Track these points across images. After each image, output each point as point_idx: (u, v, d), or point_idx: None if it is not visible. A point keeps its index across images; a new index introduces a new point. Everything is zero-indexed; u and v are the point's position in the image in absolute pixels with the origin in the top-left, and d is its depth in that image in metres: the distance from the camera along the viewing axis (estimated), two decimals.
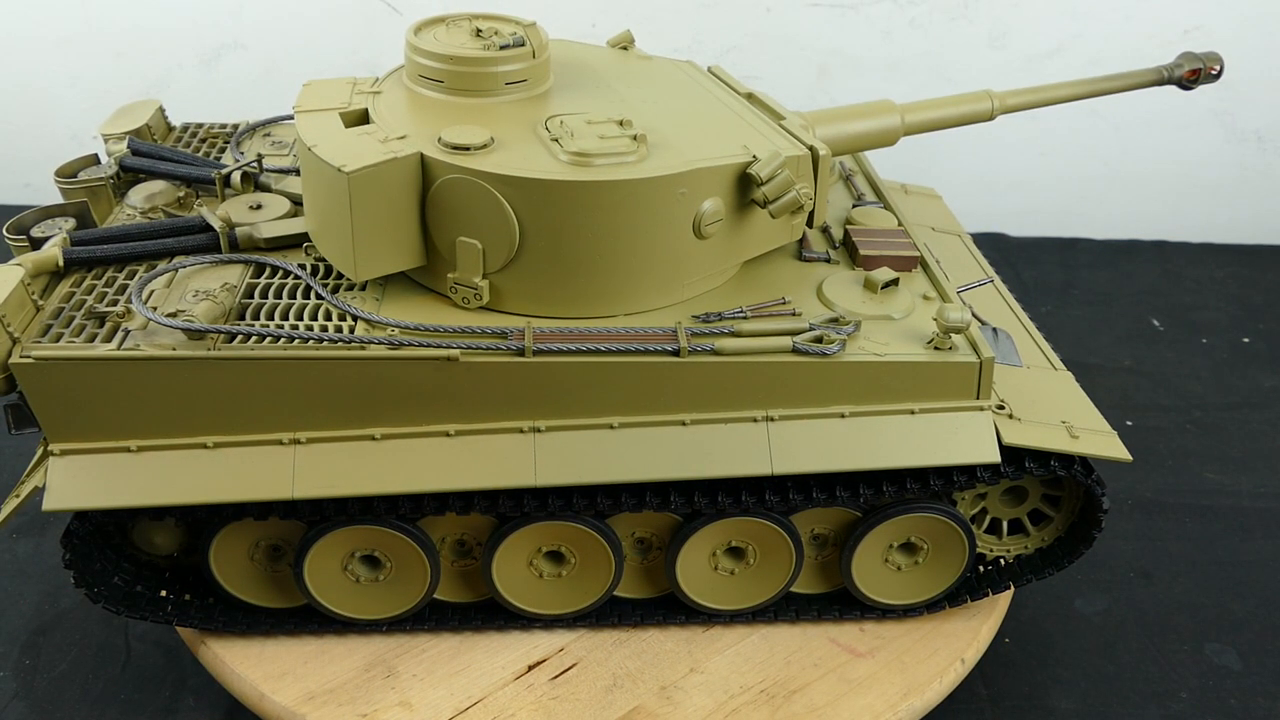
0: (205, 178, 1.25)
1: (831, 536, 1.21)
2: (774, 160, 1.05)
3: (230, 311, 1.03)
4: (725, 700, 1.13)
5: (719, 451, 1.07)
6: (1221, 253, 2.36)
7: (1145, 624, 1.38)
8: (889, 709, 1.13)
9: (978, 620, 1.25)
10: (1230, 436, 1.75)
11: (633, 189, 1.01)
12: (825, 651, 1.20)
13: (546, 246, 1.03)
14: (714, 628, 1.23)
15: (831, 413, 1.08)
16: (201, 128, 1.47)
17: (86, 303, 1.04)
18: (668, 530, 1.17)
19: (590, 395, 1.05)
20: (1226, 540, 1.53)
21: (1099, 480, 1.13)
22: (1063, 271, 2.26)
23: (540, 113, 1.12)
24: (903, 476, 1.12)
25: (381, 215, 1.02)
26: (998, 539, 1.25)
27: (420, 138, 1.04)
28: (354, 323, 1.04)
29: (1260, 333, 2.07)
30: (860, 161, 1.55)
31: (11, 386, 1.00)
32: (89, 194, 1.24)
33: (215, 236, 1.13)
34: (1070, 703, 1.26)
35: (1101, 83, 1.41)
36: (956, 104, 1.36)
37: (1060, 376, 1.23)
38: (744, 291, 1.15)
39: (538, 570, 1.17)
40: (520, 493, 1.09)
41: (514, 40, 1.14)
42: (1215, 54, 1.43)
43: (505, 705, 1.12)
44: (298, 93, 1.17)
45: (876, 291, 1.14)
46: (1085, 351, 1.95)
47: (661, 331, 1.06)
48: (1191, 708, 1.26)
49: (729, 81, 1.29)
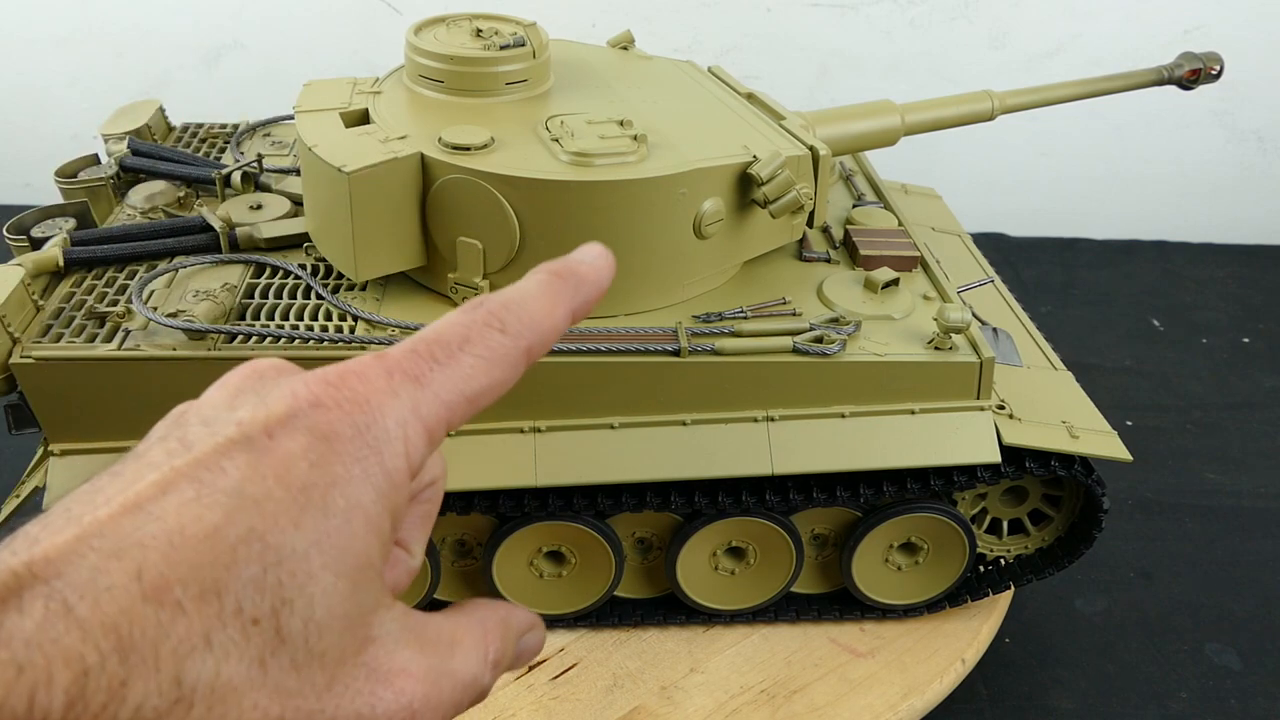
0: (205, 178, 1.25)
1: (832, 536, 1.21)
2: (774, 160, 1.05)
3: (230, 311, 1.03)
4: (725, 700, 1.13)
5: (719, 451, 1.07)
6: (1221, 253, 2.36)
7: (1145, 624, 1.38)
8: (889, 709, 1.13)
9: (978, 620, 1.25)
10: (1230, 436, 1.75)
11: (633, 189, 1.01)
12: (825, 651, 1.20)
13: (547, 246, 1.03)
14: (714, 628, 1.23)
15: (832, 413, 1.08)
16: (201, 128, 1.47)
17: (87, 303, 1.04)
18: (668, 530, 1.17)
19: (590, 395, 1.05)
20: (1226, 540, 1.53)
21: (1099, 480, 1.13)
22: (1063, 271, 2.26)
23: (540, 113, 1.12)
24: (903, 476, 1.12)
25: (382, 215, 1.02)
26: (998, 539, 1.25)
27: (420, 138, 1.04)
28: (354, 323, 1.04)
29: (1260, 333, 2.07)
30: (860, 161, 1.55)
31: (12, 386, 1.00)
32: (89, 194, 1.24)
33: (215, 236, 1.13)
34: (1070, 703, 1.26)
35: (1102, 83, 1.41)
36: (957, 104, 1.36)
37: (1060, 376, 1.23)
38: (744, 291, 1.15)
39: (538, 570, 1.17)
40: (520, 493, 1.09)
41: (514, 40, 1.14)
42: (1215, 54, 1.44)
43: (505, 705, 1.12)
44: (298, 93, 1.17)
45: (877, 291, 1.14)
46: (1085, 351, 1.95)
47: (662, 331, 1.06)
48: (1191, 708, 1.26)
49: (729, 81, 1.29)
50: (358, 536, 0.40)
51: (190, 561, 0.37)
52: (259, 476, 0.39)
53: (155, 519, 0.38)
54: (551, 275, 0.48)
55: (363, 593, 0.41)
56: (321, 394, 0.42)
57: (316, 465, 0.40)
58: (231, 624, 0.37)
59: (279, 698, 0.38)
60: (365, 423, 0.42)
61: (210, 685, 0.36)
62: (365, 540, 0.41)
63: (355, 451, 0.41)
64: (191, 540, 0.37)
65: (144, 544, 0.37)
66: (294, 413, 0.42)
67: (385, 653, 0.42)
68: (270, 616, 0.38)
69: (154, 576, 0.36)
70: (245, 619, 0.37)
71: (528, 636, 0.51)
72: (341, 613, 0.40)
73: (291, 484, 0.40)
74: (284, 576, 0.38)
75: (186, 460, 0.40)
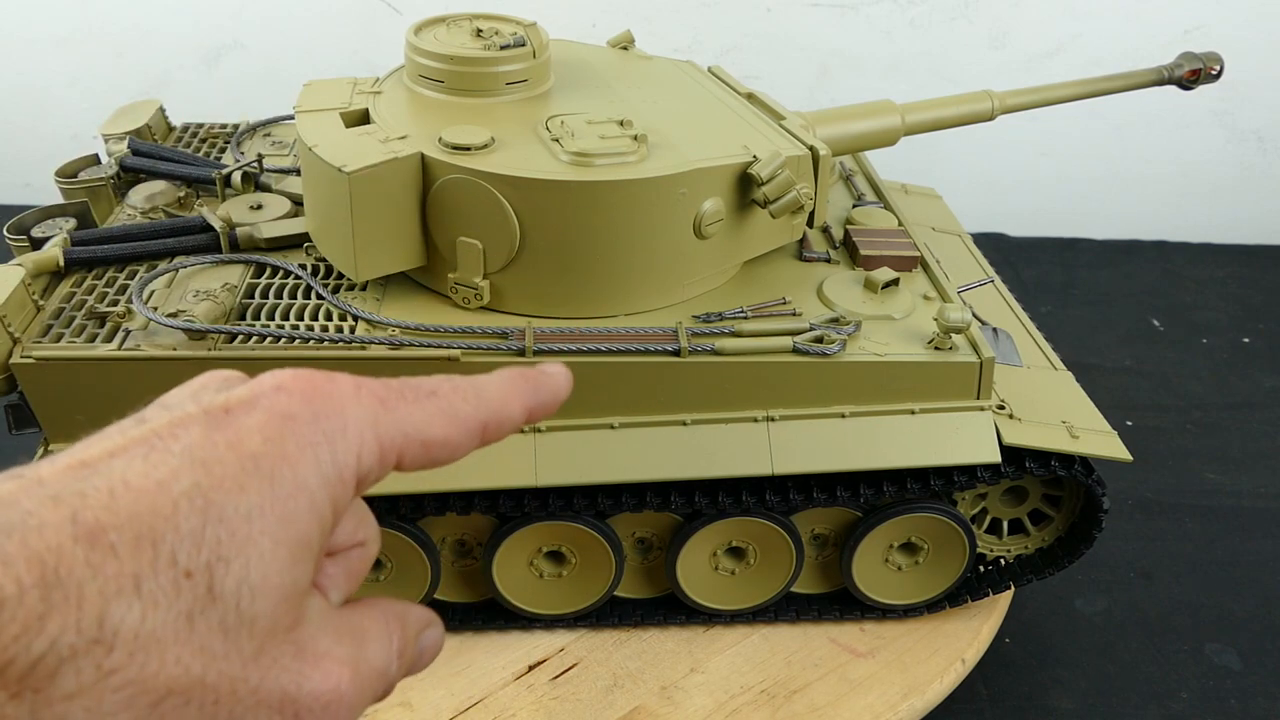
0: (205, 178, 1.25)
1: (832, 536, 1.21)
2: (774, 160, 1.05)
3: (231, 311, 1.03)
4: (726, 700, 1.13)
5: (720, 451, 1.07)
6: (1221, 253, 2.36)
7: (1145, 624, 1.38)
8: (889, 709, 1.13)
9: (978, 620, 1.25)
10: (1230, 436, 1.75)
11: (633, 189, 1.01)
12: (826, 651, 1.20)
13: (547, 246, 1.03)
14: (714, 628, 1.23)
15: (832, 413, 1.08)
16: (202, 128, 1.47)
17: (87, 303, 1.04)
18: (668, 530, 1.17)
19: (590, 395, 1.05)
20: (1226, 540, 1.53)
21: (1099, 480, 1.13)
22: (1063, 271, 2.26)
23: (541, 113, 1.12)
24: (903, 476, 1.12)
25: (382, 215, 1.02)
26: (998, 539, 1.25)
27: (421, 138, 1.04)
28: (355, 323, 1.04)
29: (1260, 333, 2.07)
30: (860, 161, 1.55)
31: (12, 386, 1.00)
32: (89, 194, 1.24)
33: (215, 236, 1.13)
34: (1070, 703, 1.26)
35: (1102, 83, 1.41)
36: (957, 104, 1.36)
37: (1060, 376, 1.23)
38: (744, 291, 1.15)
39: (538, 570, 1.17)
40: (521, 493, 1.09)
41: (514, 40, 1.14)
42: (1215, 54, 1.43)
43: (506, 705, 1.12)
44: (298, 93, 1.17)
45: (877, 291, 1.14)
46: (1085, 351, 1.95)
47: (662, 331, 1.06)
48: (1191, 708, 1.26)
49: (729, 81, 1.29)
50: (300, 513, 0.41)
51: (129, 510, 0.37)
52: (211, 443, 0.40)
53: (100, 474, 0.38)
54: (518, 374, 0.52)
55: (299, 569, 0.41)
56: (286, 381, 0.44)
57: (270, 440, 0.41)
58: (164, 573, 0.37)
59: (203, 657, 0.38)
60: (324, 412, 0.43)
61: (134, 631, 0.36)
62: (307, 519, 0.41)
63: (309, 435, 0.42)
64: (134, 490, 0.38)
65: (84, 493, 0.37)
66: (256, 395, 0.43)
67: (311, 635, 0.42)
68: (204, 571, 0.38)
69: (89, 519, 0.36)
70: (179, 570, 0.37)
71: (427, 634, 0.51)
72: (278, 582, 0.40)
73: (243, 452, 0.40)
74: (224, 534, 0.38)
75: (141, 431, 0.41)
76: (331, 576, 0.47)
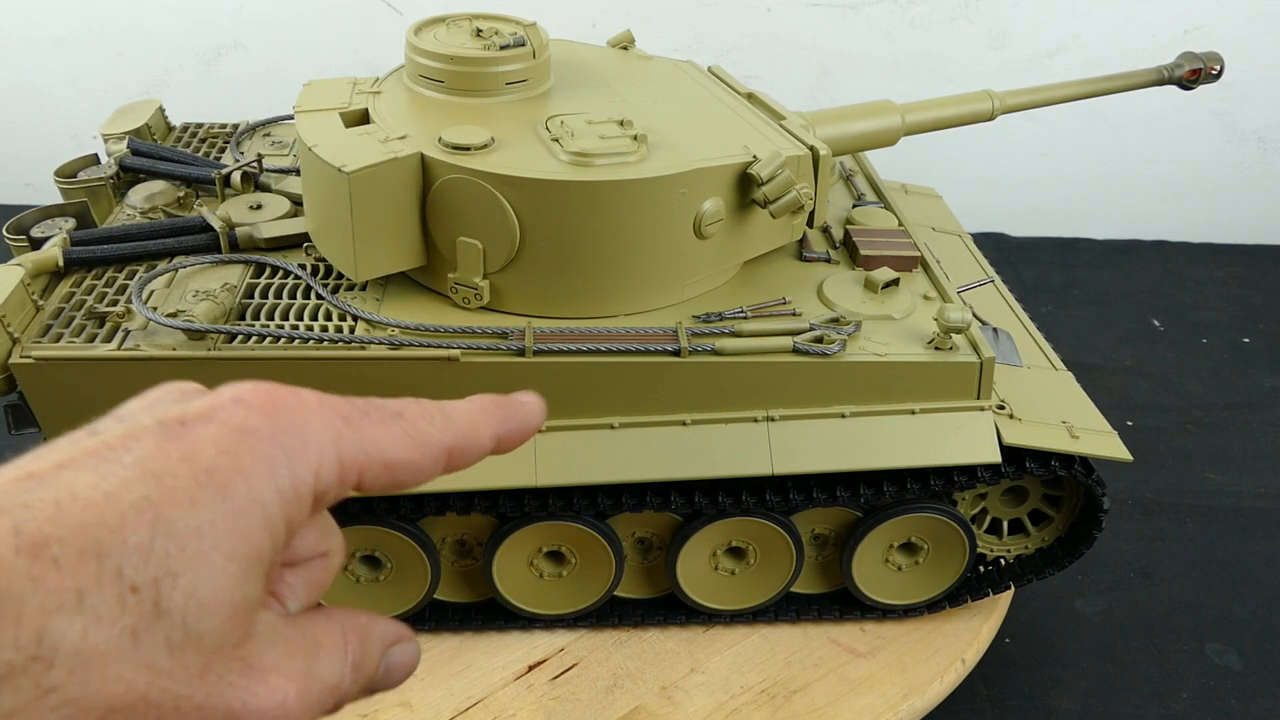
0: (205, 178, 1.25)
1: (832, 536, 1.21)
2: (774, 160, 1.05)
3: (230, 311, 1.03)
4: (726, 700, 1.13)
5: (720, 452, 1.07)
6: (1221, 253, 2.36)
7: (1145, 624, 1.38)
8: (889, 709, 1.13)
9: (978, 620, 1.25)
10: (1230, 436, 1.75)
11: (633, 189, 1.01)
12: (826, 651, 1.20)
13: (547, 246, 1.03)
14: (714, 628, 1.23)
15: (832, 413, 1.08)
16: (201, 128, 1.47)
17: (86, 303, 1.04)
18: (668, 530, 1.17)
19: (590, 395, 1.05)
20: (1226, 540, 1.53)
21: (1099, 480, 1.13)
22: (1063, 271, 2.26)
23: (540, 113, 1.12)
24: (903, 476, 1.12)
25: (382, 215, 1.02)
26: (998, 539, 1.25)
27: (421, 138, 1.04)
28: (354, 323, 1.04)
29: (1260, 333, 2.07)
30: (860, 161, 1.55)
31: (11, 386, 0.99)
32: (89, 194, 1.24)
33: (215, 236, 1.13)
34: (1070, 703, 1.26)
35: (1102, 83, 1.41)
36: (957, 104, 1.36)
37: (1060, 376, 1.23)
38: (744, 291, 1.15)
39: (538, 570, 1.17)
40: (521, 493, 1.09)
41: (514, 40, 1.14)
42: (1215, 54, 1.43)
43: (506, 705, 1.12)
44: (298, 93, 1.17)
45: (877, 291, 1.14)
46: (1085, 351, 1.95)
47: (662, 331, 1.06)
48: (1191, 708, 1.26)
49: (729, 81, 1.29)
50: (253, 528, 0.40)
51: (75, 522, 0.36)
52: (164, 455, 0.39)
53: (48, 486, 0.37)
54: (489, 401, 0.52)
55: (250, 584, 0.40)
56: (247, 395, 0.43)
57: (225, 452, 0.40)
58: (109, 587, 0.36)
59: (147, 674, 0.37)
60: (284, 426, 0.42)
61: (75, 647, 0.35)
62: (259, 535, 0.40)
63: (266, 450, 0.41)
64: (81, 502, 0.37)
65: (30, 505, 0.36)
66: (214, 408, 0.42)
67: (259, 650, 0.41)
68: (151, 586, 0.37)
69: (33, 531, 0.35)
70: (124, 585, 0.36)
71: (398, 650, 0.50)
72: (227, 599, 0.39)
73: (196, 465, 0.39)
74: (173, 548, 0.37)
75: (93, 443, 0.40)
76: (291, 585, 0.46)
